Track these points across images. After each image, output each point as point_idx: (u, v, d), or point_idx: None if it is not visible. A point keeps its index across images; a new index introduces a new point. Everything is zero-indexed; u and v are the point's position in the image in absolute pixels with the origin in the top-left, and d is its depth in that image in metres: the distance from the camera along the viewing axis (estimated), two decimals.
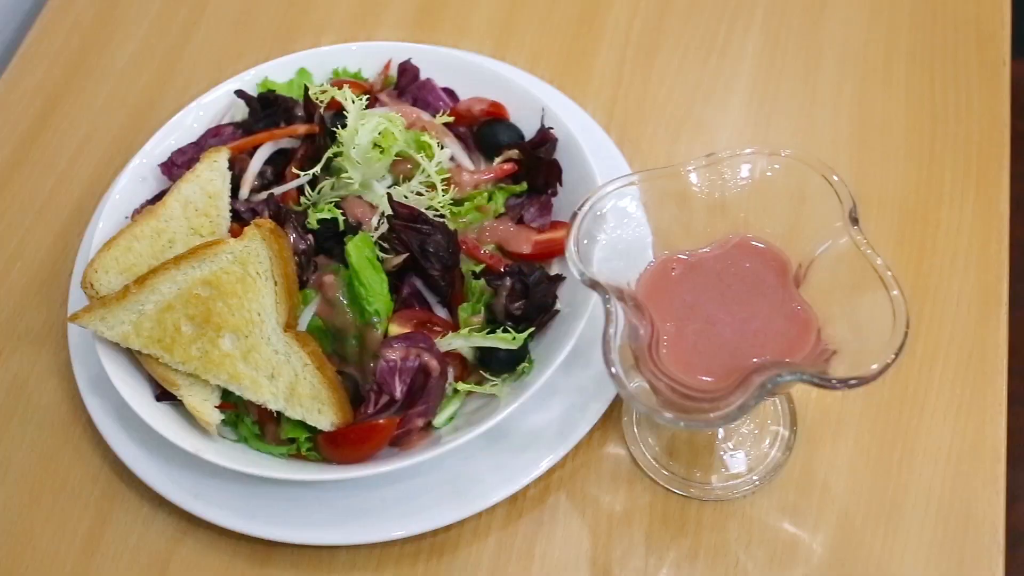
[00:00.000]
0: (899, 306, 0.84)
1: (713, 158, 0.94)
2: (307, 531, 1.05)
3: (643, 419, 1.12)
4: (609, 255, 0.94)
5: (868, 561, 1.03)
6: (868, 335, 0.88)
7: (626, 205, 0.94)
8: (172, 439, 1.03)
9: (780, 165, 0.93)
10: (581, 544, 1.06)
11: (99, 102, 1.41)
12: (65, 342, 1.19)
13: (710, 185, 0.95)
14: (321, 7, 1.48)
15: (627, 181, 0.93)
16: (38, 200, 1.33)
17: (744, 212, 0.95)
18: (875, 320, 0.87)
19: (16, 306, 1.25)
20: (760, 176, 0.94)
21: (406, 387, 1.02)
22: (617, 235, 0.95)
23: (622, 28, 1.43)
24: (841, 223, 0.90)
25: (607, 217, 0.94)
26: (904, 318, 0.84)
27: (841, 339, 0.90)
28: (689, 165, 0.94)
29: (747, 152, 0.93)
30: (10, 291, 1.26)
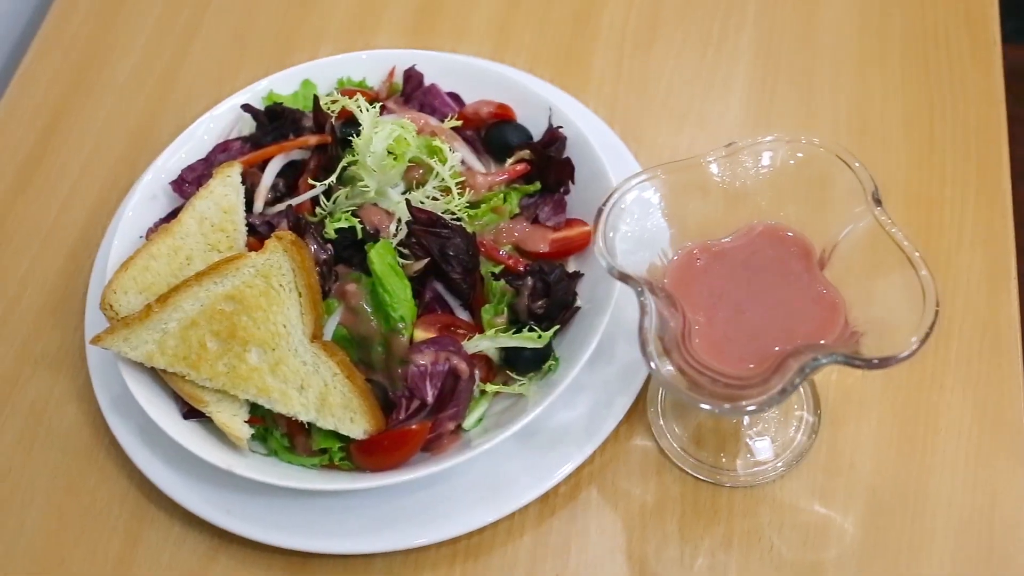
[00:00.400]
0: (928, 285, 0.86)
1: (733, 148, 0.95)
2: (342, 541, 1.05)
3: (668, 410, 1.13)
4: (633, 247, 0.95)
5: (900, 538, 1.05)
6: (894, 315, 0.89)
7: (649, 197, 0.95)
8: (204, 456, 1.02)
9: (800, 152, 0.94)
10: (615, 537, 1.07)
11: (100, 121, 1.41)
12: (83, 365, 1.19)
13: (731, 175, 0.96)
14: (317, 18, 1.48)
15: (650, 174, 0.94)
16: (44, 223, 1.32)
17: (765, 200, 0.97)
18: (901, 300, 0.88)
19: (30, 331, 1.24)
20: (781, 164, 0.95)
21: (437, 391, 1.02)
22: (640, 227, 0.96)
23: (618, 26, 1.44)
24: (863, 207, 0.91)
25: (631, 210, 0.95)
26: (934, 296, 0.85)
27: (866, 320, 0.92)
28: (709, 156, 0.96)
29: (767, 140, 0.95)
30: (23, 316, 1.25)
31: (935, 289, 0.86)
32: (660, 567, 1.05)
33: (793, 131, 1.30)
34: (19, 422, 1.18)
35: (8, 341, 1.24)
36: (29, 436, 1.17)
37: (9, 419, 1.18)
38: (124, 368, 1.07)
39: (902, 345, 0.84)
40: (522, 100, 1.24)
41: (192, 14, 1.50)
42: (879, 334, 0.89)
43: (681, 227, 0.97)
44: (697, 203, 0.96)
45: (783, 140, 0.95)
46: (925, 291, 0.86)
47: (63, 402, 1.19)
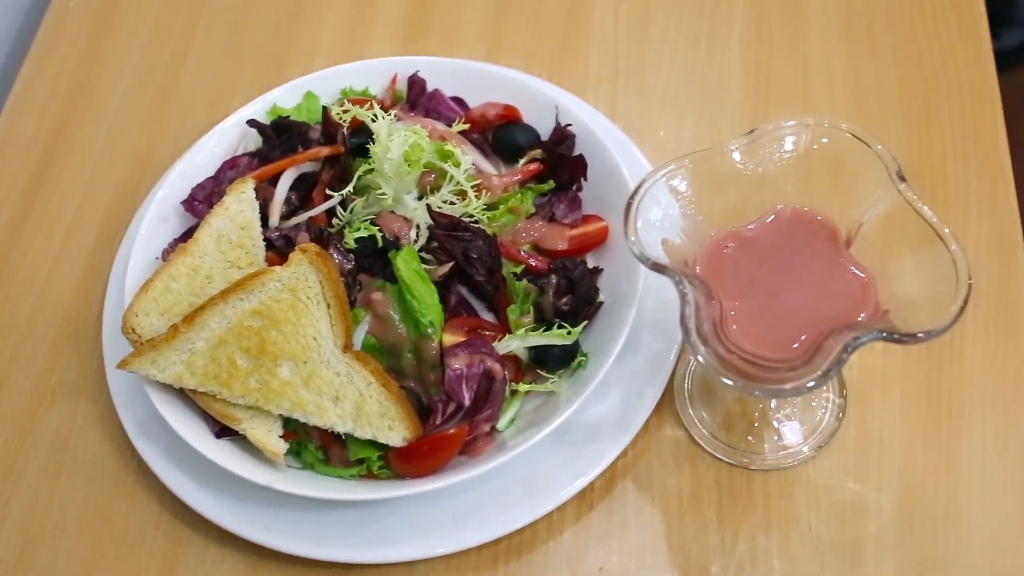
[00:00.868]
0: (959, 259, 0.87)
1: (755, 134, 0.96)
2: (383, 550, 1.05)
3: (696, 398, 1.14)
4: (659, 237, 0.96)
5: (935, 509, 1.06)
6: (922, 290, 0.91)
7: (677, 185, 0.95)
8: (242, 474, 1.02)
9: (822, 136, 0.96)
10: (655, 528, 1.08)
11: (97, 147, 1.39)
12: (102, 391, 1.18)
13: (754, 161, 0.97)
14: (307, 33, 1.48)
15: (676, 165, 0.95)
16: (51, 253, 1.31)
17: (789, 184, 0.98)
18: (929, 275, 0.90)
19: (46, 361, 1.23)
20: (802, 148, 0.96)
21: (473, 394, 1.03)
22: (666, 217, 0.97)
23: (609, 22, 1.45)
24: (887, 185, 0.92)
25: (657, 200, 0.95)
26: (966, 269, 0.87)
27: (895, 297, 0.93)
28: (732, 144, 0.96)
29: (789, 125, 0.96)
30: (37, 346, 1.24)
31: (966, 262, 0.87)
32: (702, 554, 1.06)
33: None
34: (43, 452, 1.17)
35: (24, 372, 1.22)
36: (55, 465, 1.16)
37: (33, 449, 1.17)
38: (151, 391, 1.06)
39: (932, 319, 0.86)
40: (526, 100, 1.24)
41: (181, 35, 1.49)
42: (903, 310, 0.91)
43: (707, 216, 0.97)
44: (722, 191, 0.97)
45: (804, 124, 0.96)
46: (957, 264, 0.87)
47: (86, 429, 1.18)
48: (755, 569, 1.05)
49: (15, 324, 1.26)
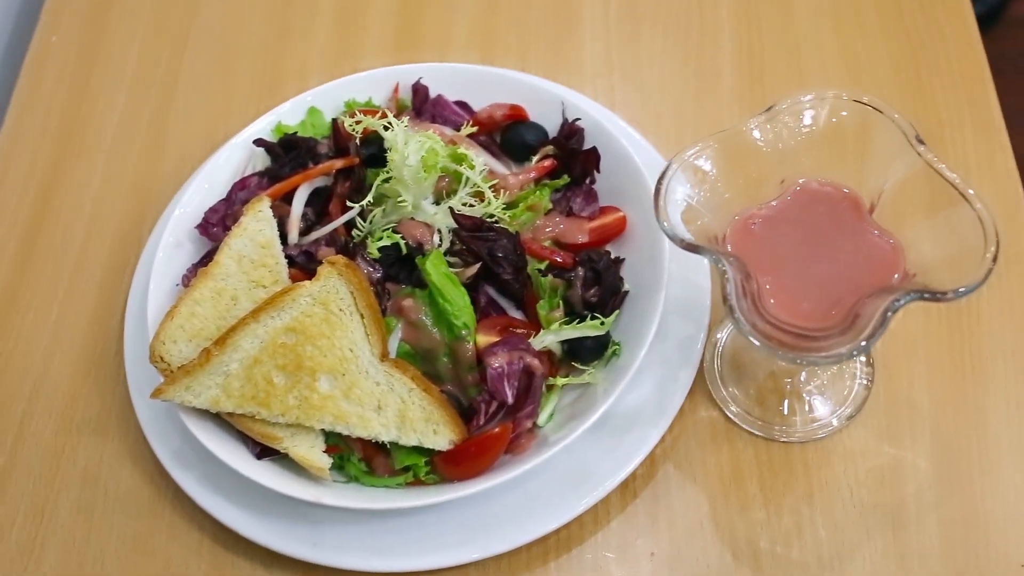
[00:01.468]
0: (985, 217, 0.89)
1: (773, 111, 0.98)
2: (433, 556, 1.05)
3: (727, 377, 1.15)
4: (687, 218, 0.97)
5: (970, 465, 1.08)
6: (949, 250, 0.92)
7: (702, 164, 0.97)
8: (290, 493, 1.01)
9: (838, 108, 0.97)
10: (701, 508, 1.09)
11: (95, 182, 1.38)
12: (129, 424, 1.17)
13: (773, 137, 0.98)
14: (298, 51, 1.47)
15: (699, 146, 0.96)
16: (59, 291, 1.29)
17: (809, 159, 0.99)
18: (954, 235, 0.91)
19: (66, 399, 1.21)
20: (820, 122, 0.98)
21: (515, 391, 1.03)
22: (692, 197, 0.98)
23: (599, 18, 1.46)
24: (906, 152, 0.94)
25: (682, 182, 0.96)
26: (993, 227, 0.88)
27: (921, 259, 0.95)
28: (751, 122, 0.98)
29: (806, 99, 0.97)
30: (55, 386, 1.22)
31: (992, 219, 0.89)
32: (749, 530, 1.07)
33: (789, 94, 1.35)
34: (74, 492, 1.15)
35: (45, 413, 1.21)
36: (88, 504, 1.14)
37: (63, 490, 1.15)
38: (187, 417, 1.05)
39: (960, 277, 0.88)
40: (530, 99, 1.25)
41: (169, 62, 1.48)
42: (933, 270, 0.92)
43: (732, 193, 0.98)
44: (745, 168, 0.98)
45: (821, 98, 0.97)
46: (984, 221, 0.89)
47: (116, 464, 1.16)
48: (802, 540, 1.06)
49: (31, 365, 1.24)
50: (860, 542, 1.05)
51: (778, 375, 1.15)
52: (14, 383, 1.23)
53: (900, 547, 1.05)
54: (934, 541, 1.05)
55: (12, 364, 1.24)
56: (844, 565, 1.04)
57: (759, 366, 1.15)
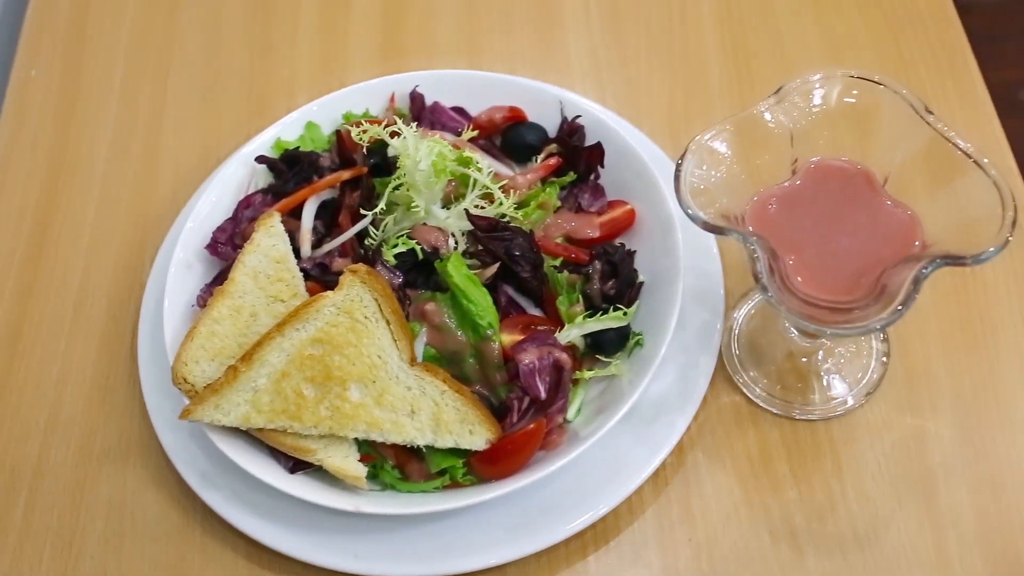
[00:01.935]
0: (1001, 183, 0.91)
1: (782, 92, 0.99)
2: (475, 557, 1.04)
3: (746, 361, 1.17)
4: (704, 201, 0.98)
5: (991, 429, 1.10)
6: (963, 218, 0.94)
7: (717, 147, 0.98)
8: (328, 504, 1.01)
9: (847, 86, 0.99)
10: (734, 492, 1.10)
11: (91, 210, 1.36)
12: (151, 449, 1.16)
13: (784, 118, 1.00)
14: (283, 69, 1.47)
15: (715, 130, 0.98)
16: (64, 321, 1.27)
17: (820, 138, 1.01)
18: (970, 202, 0.93)
19: (83, 430, 1.19)
20: (831, 101, 1.00)
21: (546, 386, 1.03)
22: (707, 180, 0.99)
23: (580, 17, 1.48)
24: (915, 125, 0.96)
25: (698, 163, 0.98)
26: (1009, 192, 0.90)
27: (937, 228, 0.97)
28: (761, 105, 0.99)
29: (815, 79, 0.99)
30: (71, 417, 1.21)
31: (1007, 185, 0.91)
32: (783, 510, 1.08)
33: (777, 76, 1.37)
34: (100, 521, 1.14)
35: (63, 445, 1.19)
36: (116, 535, 1.13)
37: (88, 523, 1.14)
38: (216, 437, 1.05)
39: (977, 244, 0.90)
40: (525, 100, 1.26)
41: (154, 89, 1.47)
42: (951, 237, 0.94)
43: (749, 174, 1.00)
44: (759, 150, 1.00)
45: (828, 77, 0.99)
46: (1000, 187, 0.91)
47: (141, 490, 1.15)
48: (836, 515, 1.07)
49: (43, 398, 1.22)
50: (893, 513, 1.07)
51: (796, 355, 1.16)
52: (28, 418, 1.21)
53: (933, 515, 1.06)
54: (965, 506, 1.07)
55: (24, 399, 1.22)
56: (880, 536, 1.06)
57: (776, 348, 1.17)
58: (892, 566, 1.04)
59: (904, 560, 1.04)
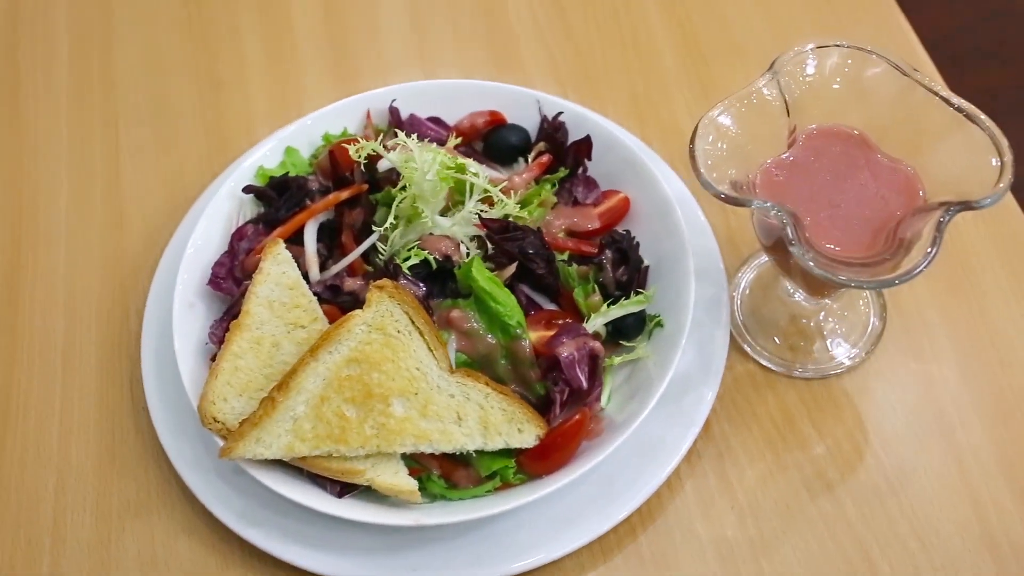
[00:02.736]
0: (994, 129, 0.96)
1: (775, 66, 1.03)
2: (531, 555, 1.05)
3: (752, 329, 1.20)
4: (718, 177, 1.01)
5: (992, 364, 1.17)
6: (960, 167, 1.00)
7: (724, 120, 1.01)
8: (388, 522, 1.00)
9: (833, 55, 1.04)
10: (764, 456, 1.13)
11: (61, 268, 1.31)
12: (172, 497, 1.14)
13: (781, 89, 1.04)
14: (237, 103, 1.44)
15: (718, 109, 1.01)
16: (55, 382, 1.22)
17: (814, 107, 1.05)
18: (965, 151, 0.99)
19: (97, 488, 1.15)
20: (825, 70, 1.04)
21: (587, 375, 1.05)
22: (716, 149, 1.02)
23: (526, 18, 1.51)
24: (899, 83, 1.02)
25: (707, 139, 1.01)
26: (1002, 137, 0.96)
27: (936, 179, 1.02)
28: (759, 81, 1.03)
29: (806, 49, 1.04)
30: (81, 478, 1.16)
31: (999, 131, 0.97)
32: (815, 466, 1.12)
33: (726, 54, 1.43)
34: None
35: (78, 508, 1.14)
36: None
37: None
38: (256, 472, 1.02)
39: (979, 191, 0.95)
40: (500, 104, 1.28)
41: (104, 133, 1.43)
42: (949, 188, 0.99)
43: (754, 144, 1.04)
44: (761, 122, 1.04)
45: (818, 47, 1.04)
46: (993, 133, 0.97)
47: (171, 541, 1.12)
48: (865, 464, 1.12)
49: (47, 463, 1.17)
50: (917, 454, 1.12)
51: (799, 318, 1.21)
52: (35, 486, 1.16)
53: (954, 450, 1.12)
54: (981, 438, 1.13)
55: (26, 467, 1.17)
56: (909, 478, 1.11)
57: (779, 314, 1.21)
58: (926, 504, 1.09)
59: (936, 497, 1.10)
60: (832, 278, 0.94)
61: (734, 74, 1.42)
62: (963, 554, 1.07)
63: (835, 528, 1.08)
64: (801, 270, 1.07)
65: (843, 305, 1.21)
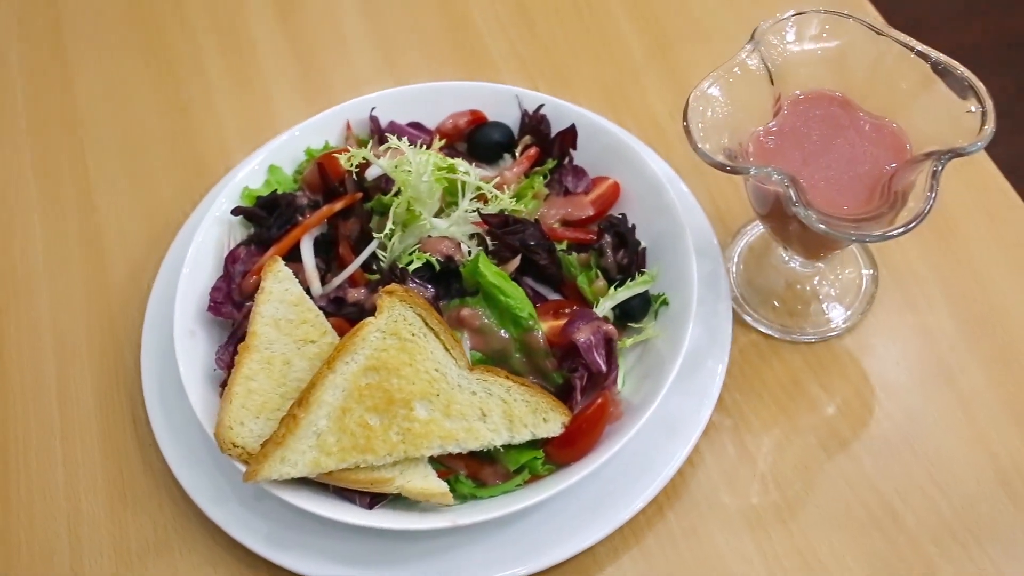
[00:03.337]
0: (971, 76, 1.00)
1: (757, 34, 1.05)
2: (567, 544, 1.05)
3: (749, 300, 1.22)
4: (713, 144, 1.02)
5: (984, 311, 1.20)
6: (942, 118, 1.03)
7: (713, 91, 1.03)
8: (425, 526, 1.00)
9: (811, 21, 1.06)
10: (778, 421, 1.15)
11: (45, 312, 1.28)
12: (194, 532, 1.12)
13: (765, 58, 1.06)
14: (207, 127, 1.42)
15: (707, 82, 1.03)
16: (53, 428, 1.20)
17: (797, 73, 1.07)
18: (944, 101, 1.02)
19: (112, 533, 1.12)
20: (805, 36, 1.06)
21: (605, 359, 1.05)
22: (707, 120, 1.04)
23: (490, 18, 1.51)
24: (873, 42, 1.04)
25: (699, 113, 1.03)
26: (980, 84, 1.00)
27: (918, 135, 1.05)
28: (742, 53, 1.05)
29: (786, 16, 1.06)
30: (94, 524, 1.13)
31: (976, 79, 1.00)
32: (828, 426, 1.14)
33: (690, 36, 1.45)
34: None
35: (95, 555, 1.12)
36: None
37: None
38: (284, 493, 1.01)
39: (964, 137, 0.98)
40: (479, 103, 1.28)
41: (73, 169, 1.40)
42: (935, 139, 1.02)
43: (746, 112, 1.05)
44: (748, 92, 1.05)
45: (796, 14, 1.06)
46: (972, 82, 1.00)
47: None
48: (875, 417, 1.14)
49: (55, 513, 1.14)
50: (924, 403, 1.15)
51: (794, 284, 1.23)
52: (46, 538, 1.13)
53: (958, 397, 1.15)
54: (982, 383, 1.15)
55: (35, 521, 1.14)
56: (919, 427, 1.13)
57: (774, 282, 1.23)
58: (939, 450, 1.12)
59: (947, 443, 1.12)
60: (837, 235, 0.96)
61: (700, 56, 1.44)
62: (980, 494, 1.09)
63: (856, 483, 1.10)
64: (798, 235, 1.10)
65: (836, 267, 1.24)
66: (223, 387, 1.09)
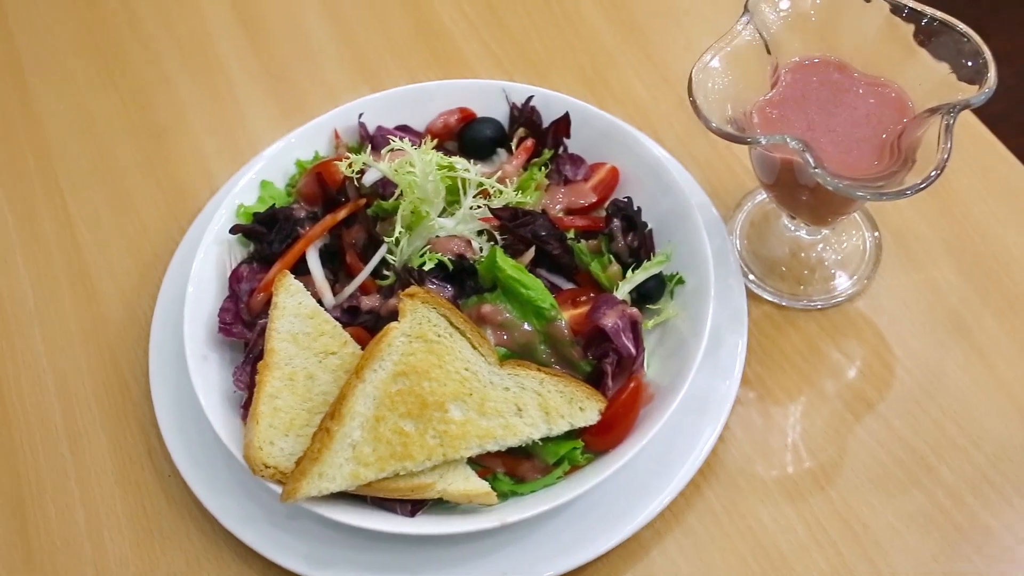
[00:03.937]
0: (970, 33, 1.01)
1: (750, 4, 1.05)
2: (614, 532, 1.03)
3: (757, 272, 1.22)
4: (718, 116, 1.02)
5: (988, 261, 1.21)
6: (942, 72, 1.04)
7: (714, 63, 1.03)
8: (474, 528, 0.98)
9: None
10: (802, 389, 1.15)
11: (40, 351, 1.24)
12: (225, 561, 1.09)
13: (759, 28, 1.06)
14: (186, 148, 1.39)
15: (708, 56, 1.03)
16: (66, 467, 1.16)
17: (793, 41, 1.08)
18: (944, 57, 1.03)
19: (140, 567, 1.09)
20: (798, 2, 1.07)
21: (632, 341, 1.05)
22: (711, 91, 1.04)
23: (454, 14, 1.50)
24: (870, 4, 1.05)
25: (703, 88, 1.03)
26: (977, 37, 1.01)
27: (919, 92, 1.06)
28: (737, 25, 1.05)
29: None
30: (122, 560, 1.09)
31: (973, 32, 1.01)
32: (852, 391, 1.14)
33: (658, 17, 1.45)
34: None
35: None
36: None
37: None
38: (324, 509, 0.99)
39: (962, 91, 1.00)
40: (465, 100, 1.27)
41: (50, 204, 1.36)
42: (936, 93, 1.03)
43: (747, 83, 1.05)
44: (748, 63, 1.06)
45: None
46: (971, 37, 1.01)
47: None
48: (898, 376, 1.15)
49: (80, 554, 1.10)
50: (942, 358, 1.16)
51: (798, 252, 1.23)
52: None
53: (975, 347, 1.16)
54: (998, 332, 1.17)
55: (58, 563, 1.10)
56: (941, 381, 1.14)
57: (779, 251, 1.23)
58: (964, 402, 1.12)
59: (971, 393, 1.13)
60: (858, 194, 0.96)
61: (672, 35, 1.44)
62: (1009, 440, 1.10)
63: (887, 443, 1.11)
64: (807, 202, 1.11)
65: (840, 233, 1.24)
66: (244, 409, 1.06)
